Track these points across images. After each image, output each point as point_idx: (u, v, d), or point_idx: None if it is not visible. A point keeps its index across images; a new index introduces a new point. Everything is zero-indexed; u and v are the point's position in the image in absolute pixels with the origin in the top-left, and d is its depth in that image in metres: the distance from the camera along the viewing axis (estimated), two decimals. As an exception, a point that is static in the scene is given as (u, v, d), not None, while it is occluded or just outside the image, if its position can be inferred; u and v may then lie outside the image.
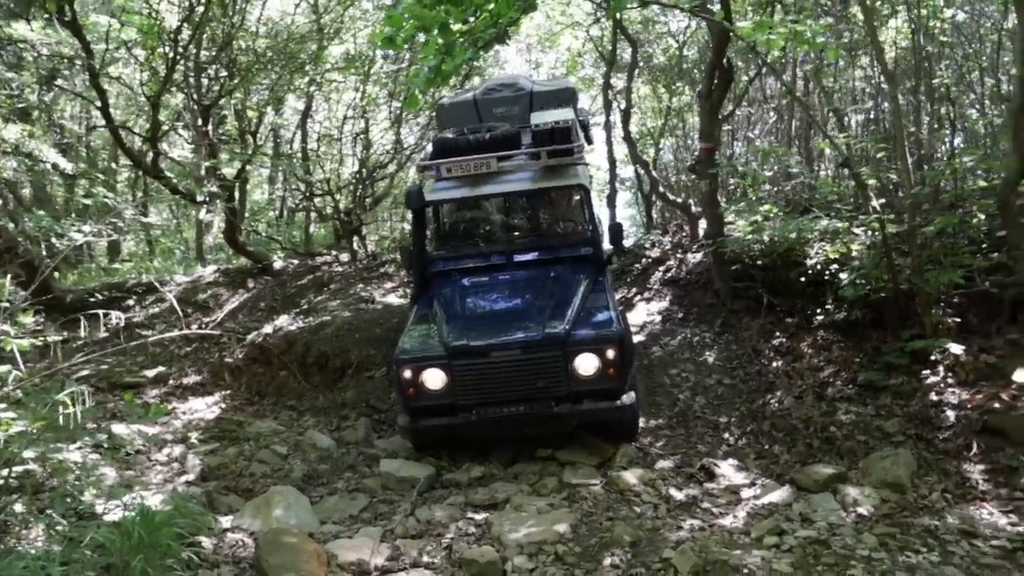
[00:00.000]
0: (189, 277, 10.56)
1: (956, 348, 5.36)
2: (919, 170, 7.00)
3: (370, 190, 10.53)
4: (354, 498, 5.03)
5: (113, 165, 12.08)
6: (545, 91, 7.03)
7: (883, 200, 5.92)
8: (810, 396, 5.70)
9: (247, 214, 10.71)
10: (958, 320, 5.62)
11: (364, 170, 10.17)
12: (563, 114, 5.92)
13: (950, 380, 5.31)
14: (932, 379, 5.37)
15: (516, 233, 6.35)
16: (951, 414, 5.02)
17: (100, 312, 3.73)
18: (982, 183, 6.02)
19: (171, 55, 7.86)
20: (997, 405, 4.96)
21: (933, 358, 5.46)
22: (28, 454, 3.38)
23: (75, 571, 2.67)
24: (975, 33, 8.34)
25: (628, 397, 4.93)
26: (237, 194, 9.79)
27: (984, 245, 5.79)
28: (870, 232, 5.89)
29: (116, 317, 3.56)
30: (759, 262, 6.90)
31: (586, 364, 4.84)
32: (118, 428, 6.22)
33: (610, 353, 4.79)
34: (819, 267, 6.38)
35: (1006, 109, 6.19)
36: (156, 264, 10.94)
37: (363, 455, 5.79)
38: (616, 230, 6.04)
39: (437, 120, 7.45)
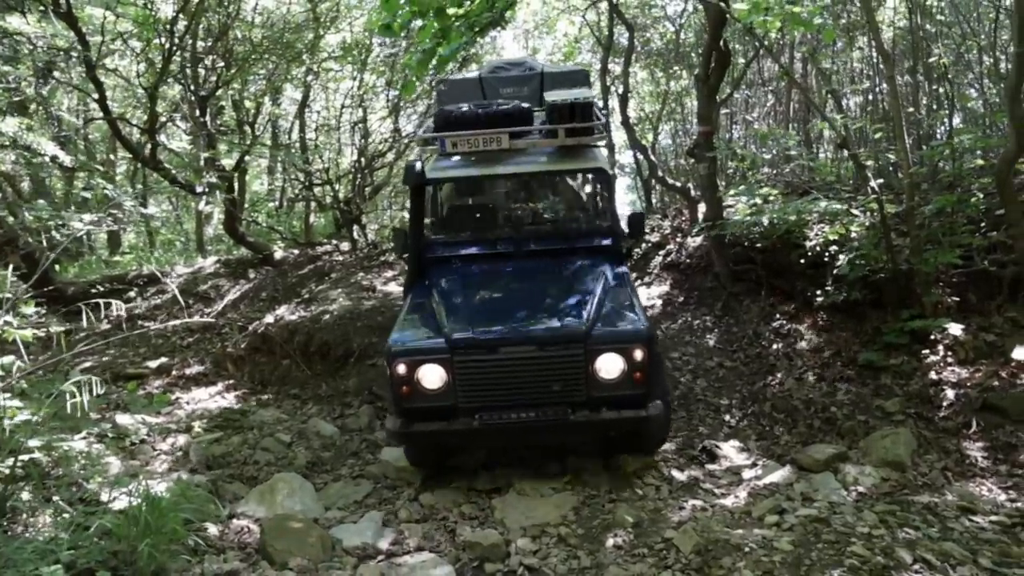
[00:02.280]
0: (190, 268, 10.57)
1: (955, 327, 5.38)
2: (917, 150, 7.00)
3: (369, 179, 10.52)
4: (358, 484, 5.06)
5: (111, 157, 12.07)
6: (558, 72, 6.43)
7: (881, 181, 5.93)
8: (811, 377, 5.72)
9: (247, 205, 10.71)
10: (957, 299, 5.64)
11: (363, 159, 10.16)
12: (582, 92, 5.38)
13: (949, 359, 5.34)
14: (932, 358, 5.39)
15: (527, 220, 5.74)
16: (951, 393, 5.05)
17: (101, 302, 3.75)
18: (980, 162, 6.02)
19: (167, 46, 7.84)
20: (996, 383, 4.99)
21: (932, 337, 5.49)
22: (33, 443, 3.42)
23: (82, 556, 2.70)
24: (973, 11, 8.29)
25: (655, 406, 4.25)
26: (236, 185, 9.78)
27: (983, 224, 5.80)
28: (869, 213, 5.90)
29: (117, 308, 3.58)
30: (759, 245, 6.90)
31: (609, 366, 4.17)
32: (122, 418, 6.28)
33: (637, 354, 4.12)
34: (819, 249, 6.38)
35: (1003, 87, 6.17)
36: (157, 255, 10.95)
37: (366, 442, 5.83)
38: (637, 220, 5.47)
39: (437, 100, 6.90)
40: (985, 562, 3.27)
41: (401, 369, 4.18)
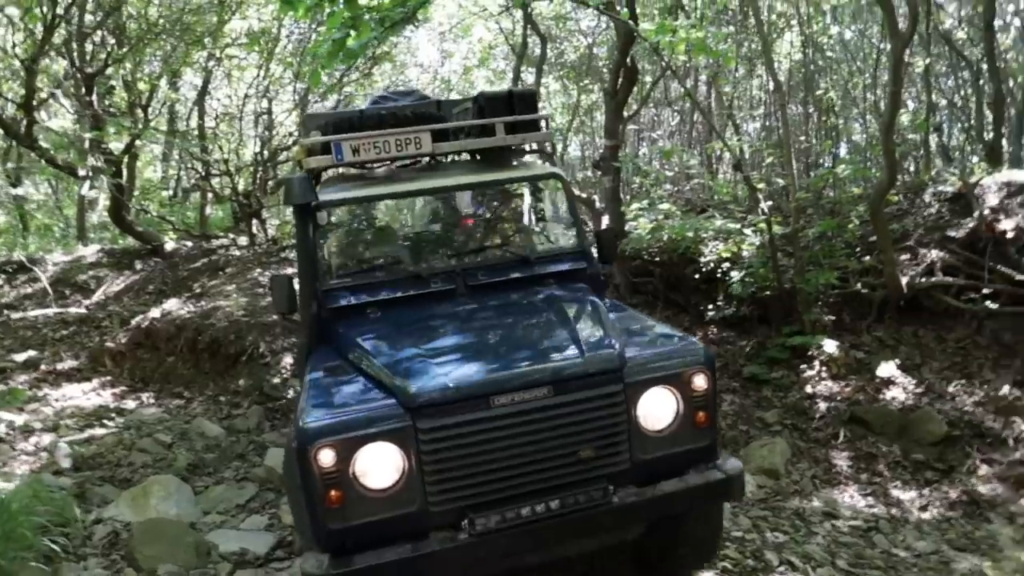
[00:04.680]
0: (68, 256, 9.83)
1: (830, 344, 5.76)
2: (805, 176, 7.47)
3: (272, 173, 10.14)
4: (242, 487, 4.85)
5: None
6: (459, 104, 4.48)
7: (771, 203, 6.28)
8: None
9: (136, 192, 10.07)
10: (833, 318, 6.04)
11: (265, 152, 9.79)
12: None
13: (824, 374, 5.70)
14: (808, 373, 5.75)
15: (466, 246, 4.10)
16: (823, 405, 5.40)
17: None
18: (856, 191, 6.49)
19: (49, 16, 7.27)
20: (862, 397, 5.38)
21: (810, 353, 5.85)
22: None
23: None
24: (859, 50, 8.97)
25: (732, 461, 2.89)
26: (125, 170, 9.17)
27: (858, 248, 6.26)
28: (759, 234, 6.23)
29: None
30: (657, 259, 7.16)
31: (660, 407, 2.75)
32: (-23, 416, 5.74)
33: (699, 383, 2.76)
34: (712, 265, 6.68)
35: (879, 123, 6.71)
36: (30, 241, 10.12)
37: (253, 444, 5.60)
38: (608, 238, 4.10)
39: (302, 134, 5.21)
40: (842, 563, 3.51)
41: (326, 460, 2.45)
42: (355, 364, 2.99)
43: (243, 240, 9.84)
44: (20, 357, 7.20)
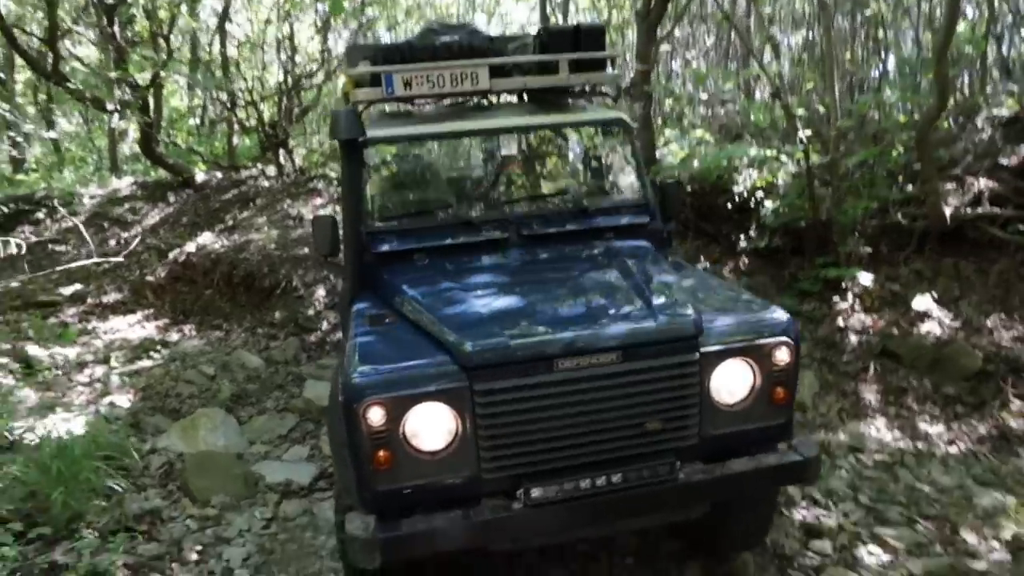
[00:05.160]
0: (103, 190, 9.99)
1: (865, 276, 5.66)
2: (849, 98, 7.16)
3: (296, 100, 10.02)
4: (283, 418, 5.07)
5: (5, 75, 11.01)
6: (516, 40, 4.18)
7: (810, 132, 6.06)
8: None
9: (164, 123, 10.06)
10: (870, 250, 5.90)
11: (289, 79, 9.65)
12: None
13: (857, 307, 5.64)
14: (841, 305, 5.68)
15: (521, 194, 3.88)
16: (854, 339, 5.36)
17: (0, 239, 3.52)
18: (903, 118, 6.22)
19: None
20: (895, 331, 5.32)
21: (844, 286, 5.77)
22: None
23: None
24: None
25: (809, 442, 2.72)
26: (152, 101, 9.15)
27: (900, 178, 6.05)
28: (796, 163, 6.05)
29: (16, 244, 3.36)
30: (689, 187, 7.01)
31: (735, 381, 2.58)
32: (33, 350, 6.03)
33: (780, 356, 2.56)
34: (746, 195, 6.54)
35: (932, 42, 6.34)
36: (67, 175, 10.27)
37: (292, 375, 5.80)
38: (673, 192, 3.68)
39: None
40: (864, 499, 3.58)
41: (375, 418, 2.32)
42: (404, 314, 2.80)
43: (271, 170, 9.86)
44: (67, 290, 7.47)
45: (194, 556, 3.12)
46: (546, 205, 3.67)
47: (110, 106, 8.57)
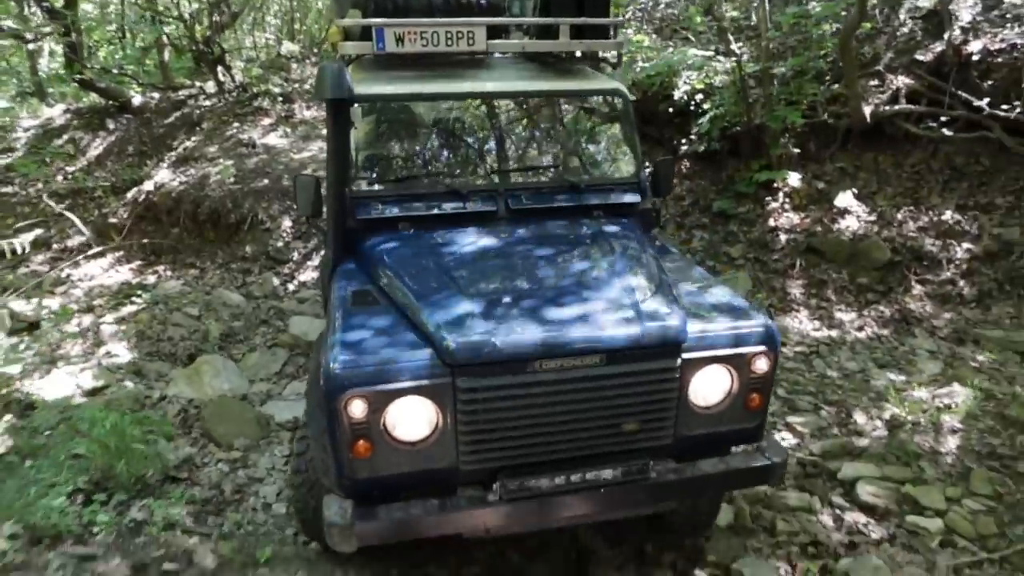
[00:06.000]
0: (36, 120, 9.64)
1: (794, 177, 6.22)
2: (781, 7, 7.36)
3: (225, 7, 9.57)
4: (274, 354, 5.49)
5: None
6: None
7: (741, 45, 6.34)
8: (671, 225, 6.51)
9: (89, 45, 9.54)
10: (799, 150, 6.42)
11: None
12: None
13: (787, 206, 6.23)
14: (772, 206, 6.27)
15: (511, 163, 3.74)
16: (783, 238, 5.99)
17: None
18: (827, 27, 6.52)
19: None
20: (819, 228, 5.96)
21: (776, 186, 6.32)
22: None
23: (65, 481, 3.13)
24: None
25: (776, 446, 2.83)
26: (71, 24, 8.67)
27: (828, 77, 6.47)
28: (731, 72, 6.37)
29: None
30: (632, 94, 7.28)
31: (713, 386, 2.66)
32: (16, 304, 6.22)
33: (759, 365, 2.65)
34: (686, 98, 6.88)
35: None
36: (-5, 106, 9.81)
37: (273, 309, 6.17)
38: (666, 169, 3.67)
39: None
40: (781, 392, 4.29)
41: (356, 411, 2.36)
42: (388, 294, 2.81)
43: (210, 86, 9.62)
44: (29, 236, 7.50)
45: (236, 496, 3.68)
46: (537, 178, 3.64)
47: (28, 35, 8.15)
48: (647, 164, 3.80)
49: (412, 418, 2.41)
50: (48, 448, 3.46)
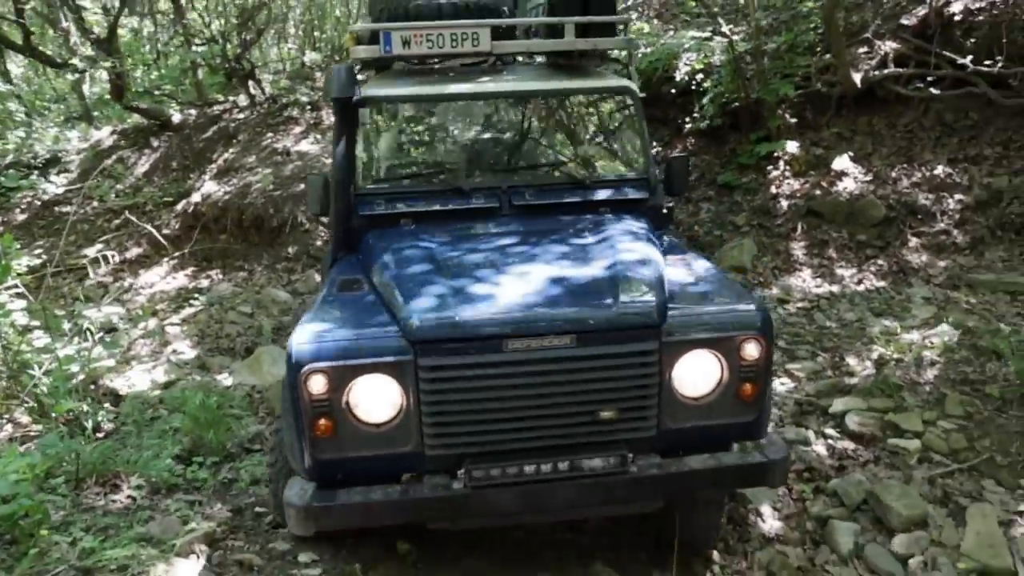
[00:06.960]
0: (85, 143, 10.39)
1: (792, 145, 6.59)
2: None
3: (251, 26, 10.17)
4: (321, 342, 6.09)
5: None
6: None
7: (732, 27, 6.71)
8: (679, 201, 6.93)
9: (129, 70, 10.24)
10: (796, 120, 6.78)
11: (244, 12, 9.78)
12: None
13: (787, 174, 6.61)
14: (773, 174, 6.66)
15: (515, 162, 3.79)
16: (785, 203, 6.39)
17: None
18: (811, 2, 6.85)
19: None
20: (818, 192, 6.34)
21: (776, 155, 6.70)
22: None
23: (168, 449, 3.78)
24: None
25: (776, 442, 2.62)
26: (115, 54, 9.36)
27: (819, 48, 6.81)
28: (726, 51, 6.76)
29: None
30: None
31: (699, 373, 2.49)
32: (89, 311, 6.92)
33: (749, 351, 2.46)
34: (687, 79, 7.27)
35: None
36: (50, 131, 10.59)
37: (318, 302, 6.76)
38: (680, 167, 3.59)
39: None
40: (782, 343, 4.72)
41: (317, 386, 2.31)
42: (372, 281, 2.79)
43: (242, 100, 10.25)
44: (90, 251, 8.22)
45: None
46: (542, 175, 3.62)
47: (80, 65, 8.85)
48: (659, 160, 3.83)
49: (375, 398, 2.34)
50: (151, 422, 4.10)
